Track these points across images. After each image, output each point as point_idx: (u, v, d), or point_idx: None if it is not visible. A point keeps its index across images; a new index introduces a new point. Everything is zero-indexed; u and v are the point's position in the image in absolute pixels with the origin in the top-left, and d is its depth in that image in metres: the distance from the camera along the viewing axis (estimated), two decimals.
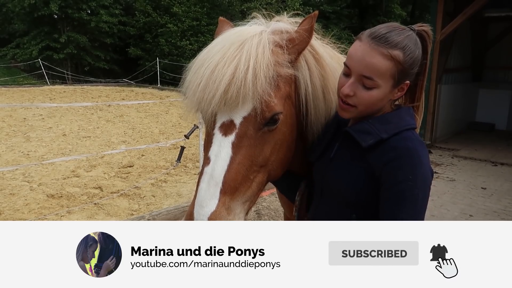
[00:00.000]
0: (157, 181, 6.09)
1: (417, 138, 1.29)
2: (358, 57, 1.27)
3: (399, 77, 1.27)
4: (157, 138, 9.27)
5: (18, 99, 15.05)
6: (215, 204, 1.22)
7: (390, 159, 1.23)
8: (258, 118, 1.28)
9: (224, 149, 1.29)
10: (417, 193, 1.21)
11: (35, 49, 23.21)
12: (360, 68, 1.26)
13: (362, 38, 1.29)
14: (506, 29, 10.21)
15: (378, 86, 1.26)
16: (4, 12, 25.40)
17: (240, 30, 1.39)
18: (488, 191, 5.96)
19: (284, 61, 1.33)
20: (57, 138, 8.84)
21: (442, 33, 7.81)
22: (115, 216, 4.74)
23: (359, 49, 1.28)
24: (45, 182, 5.86)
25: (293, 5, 23.95)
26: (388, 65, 1.24)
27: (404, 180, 1.20)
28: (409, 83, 1.32)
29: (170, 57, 23.58)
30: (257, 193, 1.37)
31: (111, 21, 24.82)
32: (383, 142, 1.27)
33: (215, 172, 1.26)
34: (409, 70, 1.29)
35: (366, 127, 1.32)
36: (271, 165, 1.37)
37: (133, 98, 16.83)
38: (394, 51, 1.24)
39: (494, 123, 10.65)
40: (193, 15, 23.65)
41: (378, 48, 1.24)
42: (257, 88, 1.25)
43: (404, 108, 1.38)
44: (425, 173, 1.23)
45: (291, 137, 1.45)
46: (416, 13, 31.69)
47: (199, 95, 1.30)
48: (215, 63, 1.28)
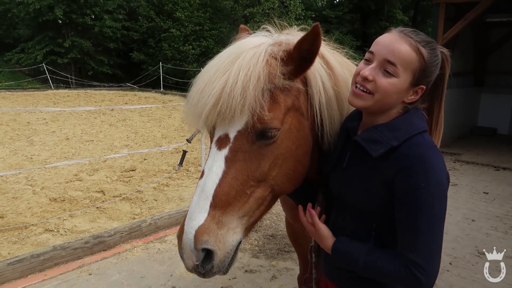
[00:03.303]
0: (159, 185, 6.10)
1: (428, 143, 1.26)
2: (386, 42, 1.27)
3: (419, 76, 1.26)
4: (160, 142, 9.29)
5: (22, 103, 15.13)
6: (204, 218, 1.22)
7: (402, 167, 1.20)
8: (249, 131, 1.27)
9: (217, 163, 1.28)
10: (432, 201, 1.18)
11: (40, 53, 23.40)
12: (385, 52, 1.25)
13: (392, 30, 1.31)
14: (507, 34, 10.22)
15: (398, 75, 1.24)
16: (9, 18, 25.61)
17: (241, 42, 1.39)
18: (490, 196, 5.95)
19: (280, 73, 1.29)
20: (60, 142, 8.88)
21: (444, 38, 7.82)
22: (117, 220, 4.76)
23: (387, 36, 1.28)
24: (48, 185, 5.89)
25: (295, 10, 24.04)
26: (413, 57, 1.24)
27: (417, 188, 1.17)
28: (424, 88, 1.31)
29: (173, 62, 23.69)
30: (258, 208, 1.34)
31: (115, 26, 25.02)
32: (394, 150, 1.24)
33: (206, 185, 1.26)
34: (429, 73, 1.29)
35: (375, 136, 1.29)
36: (272, 180, 1.34)
37: (136, 102, 16.89)
38: (421, 46, 1.25)
39: (496, 127, 10.64)
40: (196, 20, 23.76)
41: (408, 39, 1.25)
42: (247, 101, 1.22)
43: (412, 111, 1.34)
44: (439, 179, 1.19)
45: (302, 151, 1.40)
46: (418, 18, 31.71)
47: (193, 110, 1.31)
48: (209, 76, 1.30)
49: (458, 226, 4.80)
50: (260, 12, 23.21)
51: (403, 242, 1.22)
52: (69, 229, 4.46)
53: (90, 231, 4.38)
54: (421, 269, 1.16)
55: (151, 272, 3.66)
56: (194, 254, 1.21)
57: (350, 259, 1.29)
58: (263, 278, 3.60)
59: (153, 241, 4.24)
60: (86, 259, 3.82)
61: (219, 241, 1.22)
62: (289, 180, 1.39)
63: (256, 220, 1.38)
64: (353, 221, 1.38)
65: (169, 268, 3.71)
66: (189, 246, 1.20)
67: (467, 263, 3.92)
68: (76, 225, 4.57)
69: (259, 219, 1.41)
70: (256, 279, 3.57)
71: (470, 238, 4.49)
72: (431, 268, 1.18)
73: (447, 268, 3.80)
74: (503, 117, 10.48)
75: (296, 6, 24.22)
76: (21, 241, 4.14)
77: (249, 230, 1.39)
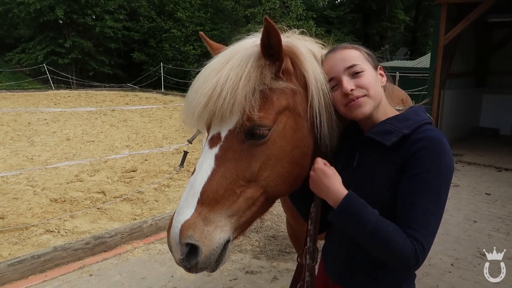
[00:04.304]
0: (160, 185, 6.10)
1: (437, 130, 1.32)
2: (334, 62, 1.39)
3: (371, 61, 1.40)
4: (161, 142, 9.29)
5: (23, 104, 15.15)
6: (190, 213, 1.23)
7: (416, 149, 1.24)
8: (239, 130, 1.29)
9: (207, 161, 1.30)
10: (440, 184, 1.22)
11: (40, 54, 23.44)
12: (341, 65, 1.37)
13: (324, 57, 1.46)
14: (509, 34, 10.19)
15: (363, 69, 1.35)
16: (10, 18, 25.66)
17: (238, 44, 1.42)
18: (492, 197, 5.93)
19: (270, 73, 1.31)
20: (61, 143, 8.87)
21: (446, 38, 7.81)
22: (118, 221, 4.75)
23: (332, 60, 1.41)
24: (49, 186, 5.88)
25: (296, 10, 24.04)
26: (356, 52, 1.39)
27: (429, 169, 1.21)
28: (382, 67, 1.44)
29: (174, 62, 23.72)
30: (249, 208, 1.33)
31: (116, 26, 25.05)
32: (406, 138, 1.28)
33: (195, 182, 1.27)
34: (373, 56, 1.43)
35: (386, 128, 1.33)
36: (264, 181, 1.33)
37: (137, 102, 16.91)
38: (351, 45, 1.43)
39: (498, 128, 10.60)
40: (197, 21, 23.79)
41: (340, 49, 1.42)
42: (237, 101, 1.25)
43: (416, 107, 1.43)
44: (449, 163, 1.24)
45: (299, 152, 1.39)
46: (420, 18, 31.72)
47: (188, 109, 1.35)
48: (204, 76, 1.33)
49: (460, 227, 4.78)
50: (261, 12, 23.21)
51: (406, 216, 1.21)
52: (69, 229, 4.45)
53: (91, 232, 4.37)
54: (422, 248, 1.18)
55: (152, 273, 3.65)
56: (179, 248, 1.22)
57: (360, 218, 1.22)
58: (264, 279, 3.59)
59: (154, 242, 4.24)
60: (87, 260, 3.81)
61: (205, 237, 1.22)
62: (284, 181, 1.38)
63: (248, 220, 1.36)
64: None
65: (170, 269, 3.70)
66: (175, 240, 1.23)
67: (468, 264, 3.90)
68: (77, 225, 4.56)
69: (252, 220, 1.40)
70: (257, 280, 3.56)
71: (472, 239, 4.47)
72: (427, 249, 1.20)
73: (449, 270, 3.79)
74: (505, 117, 10.44)
75: (297, 6, 24.22)
76: (22, 242, 4.14)
77: (242, 230, 1.39)
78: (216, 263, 1.29)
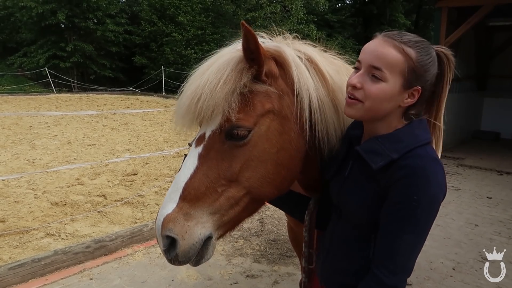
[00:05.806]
0: (161, 189, 6.09)
1: (429, 155, 1.22)
2: (370, 48, 1.26)
3: (409, 78, 1.22)
4: (161, 146, 9.29)
5: (25, 107, 15.19)
6: (172, 208, 1.27)
7: (399, 177, 1.19)
8: (220, 131, 1.33)
9: (191, 159, 1.35)
10: (420, 215, 1.16)
11: (42, 57, 23.51)
12: (370, 58, 1.23)
13: (377, 35, 1.29)
14: (510, 38, 10.20)
15: (386, 79, 1.21)
16: (12, 22, 25.77)
17: (224, 49, 1.46)
18: (493, 201, 5.91)
19: (252, 76, 1.32)
20: (62, 146, 8.89)
21: (446, 42, 7.81)
22: (119, 225, 4.75)
23: (372, 42, 1.28)
24: (50, 190, 5.88)
25: (297, 14, 24.09)
26: (398, 58, 1.21)
27: (408, 200, 1.16)
28: (420, 89, 1.25)
29: (175, 66, 23.75)
30: (232, 208, 1.34)
31: (117, 30, 25.15)
32: (393, 162, 1.22)
33: (179, 178, 1.32)
34: (421, 73, 1.23)
35: (375, 147, 1.26)
36: (246, 182, 1.33)
37: (138, 106, 16.94)
38: (406, 47, 1.22)
39: (500, 132, 10.58)
40: (198, 24, 23.84)
41: (391, 41, 1.23)
42: (216, 102, 1.28)
43: (415, 122, 1.30)
44: (433, 194, 1.17)
45: (286, 154, 1.38)
46: (420, 22, 31.76)
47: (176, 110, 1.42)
48: (191, 79, 1.40)
49: (461, 231, 4.77)
50: (262, 16, 23.26)
51: (381, 248, 1.23)
52: (70, 233, 4.45)
53: (91, 236, 4.37)
54: (389, 275, 1.19)
55: (152, 276, 3.64)
56: (161, 240, 1.27)
57: None
58: (264, 283, 3.57)
59: (154, 246, 4.23)
60: (87, 263, 3.80)
61: (185, 232, 1.25)
62: (270, 183, 1.37)
63: (233, 219, 1.38)
64: (353, 230, 1.36)
65: (171, 273, 3.69)
66: (158, 231, 1.28)
67: (470, 268, 3.89)
68: (77, 229, 4.56)
69: (238, 219, 1.42)
70: (258, 284, 3.55)
71: (473, 243, 4.45)
72: (397, 279, 1.20)
73: (450, 274, 3.77)
74: (506, 121, 10.43)
75: (298, 10, 24.25)
76: (22, 246, 4.13)
77: (228, 229, 1.41)
78: (197, 258, 1.32)
